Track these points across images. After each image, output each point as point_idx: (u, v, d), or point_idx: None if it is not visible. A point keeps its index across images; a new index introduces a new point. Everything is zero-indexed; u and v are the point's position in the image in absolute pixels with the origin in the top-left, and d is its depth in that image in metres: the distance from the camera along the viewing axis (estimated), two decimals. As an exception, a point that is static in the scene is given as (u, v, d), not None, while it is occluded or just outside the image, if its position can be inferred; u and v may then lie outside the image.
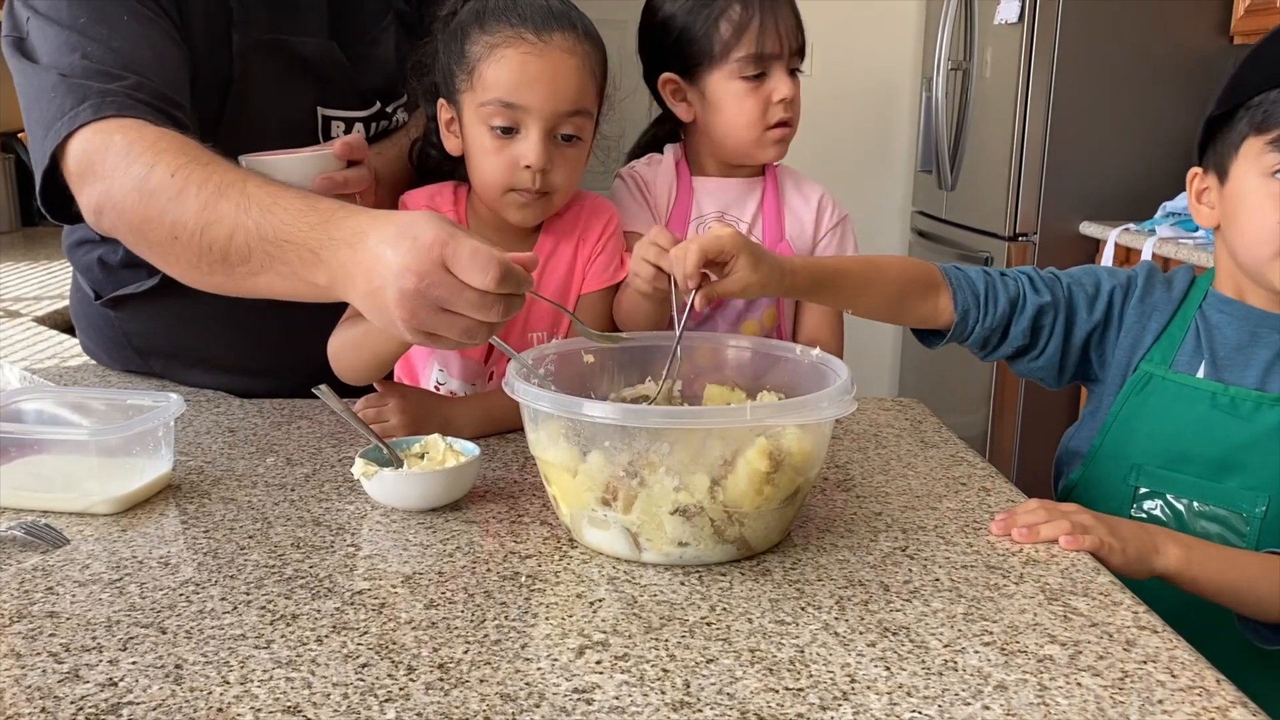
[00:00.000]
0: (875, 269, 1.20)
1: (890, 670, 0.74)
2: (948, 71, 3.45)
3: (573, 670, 0.74)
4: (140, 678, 0.72)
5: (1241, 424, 1.11)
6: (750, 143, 1.35)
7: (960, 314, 1.19)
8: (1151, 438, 1.16)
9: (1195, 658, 0.77)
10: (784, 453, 0.89)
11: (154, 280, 1.34)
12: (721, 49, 1.31)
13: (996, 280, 1.21)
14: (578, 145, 1.20)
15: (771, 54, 1.31)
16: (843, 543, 0.96)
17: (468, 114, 1.19)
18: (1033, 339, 1.21)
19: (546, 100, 1.15)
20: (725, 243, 1.02)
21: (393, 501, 1.02)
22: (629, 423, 0.88)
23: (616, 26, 5.84)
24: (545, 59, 1.15)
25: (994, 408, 3.24)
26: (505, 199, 1.20)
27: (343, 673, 0.73)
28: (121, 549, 0.92)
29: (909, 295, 1.19)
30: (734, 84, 1.32)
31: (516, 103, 1.15)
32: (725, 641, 0.78)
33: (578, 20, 1.19)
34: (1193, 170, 1.20)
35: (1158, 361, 1.17)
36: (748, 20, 1.30)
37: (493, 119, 1.16)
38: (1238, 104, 1.12)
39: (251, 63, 1.25)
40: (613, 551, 0.92)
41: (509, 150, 1.17)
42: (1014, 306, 1.20)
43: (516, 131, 1.17)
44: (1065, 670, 0.75)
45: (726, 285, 1.04)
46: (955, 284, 1.20)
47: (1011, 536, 0.97)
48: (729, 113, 1.33)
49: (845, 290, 1.18)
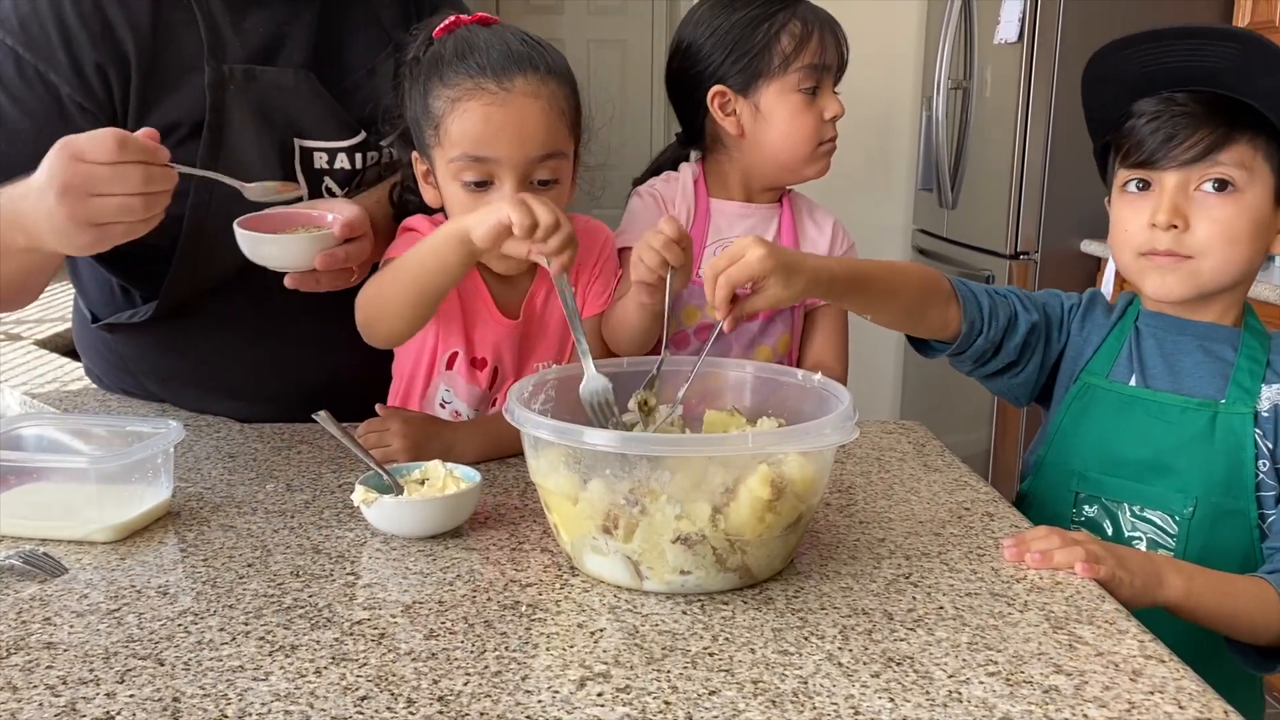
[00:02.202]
0: (900, 275, 1.20)
1: (894, 702, 0.74)
2: (948, 91, 3.45)
3: (574, 703, 0.73)
4: (137, 711, 0.71)
5: (1169, 428, 1.14)
6: (803, 158, 1.37)
7: (967, 326, 1.20)
8: (1090, 445, 1.19)
9: (1203, 688, 0.76)
10: (786, 480, 0.89)
11: (147, 311, 1.33)
12: (781, 62, 1.33)
13: (996, 297, 1.23)
14: (556, 188, 1.18)
15: (829, 65, 1.35)
16: (846, 570, 0.95)
17: (439, 169, 1.17)
18: (1019, 356, 1.24)
19: (515, 149, 1.13)
20: (754, 269, 0.99)
21: (393, 528, 1.01)
22: (629, 450, 0.88)
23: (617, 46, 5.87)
24: (509, 108, 1.12)
25: (996, 427, 3.23)
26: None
27: (342, 705, 0.72)
28: (120, 578, 0.92)
29: (927, 304, 1.19)
30: (791, 97, 1.34)
31: (485, 155, 1.12)
32: (728, 673, 0.77)
33: (539, 59, 1.16)
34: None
35: (1095, 372, 1.20)
36: (809, 34, 1.34)
37: (463, 174, 1.14)
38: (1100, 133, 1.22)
39: (224, 95, 1.24)
40: (614, 580, 0.92)
41: (484, 203, 1.13)
42: (1009, 323, 1.22)
43: (490, 184, 1.14)
44: (1071, 701, 0.74)
45: (756, 304, 1.03)
46: (964, 297, 1.21)
47: (1024, 562, 0.96)
48: (782, 127, 1.35)
49: (872, 295, 1.17)
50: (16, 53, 1.18)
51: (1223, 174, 1.09)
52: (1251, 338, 1.16)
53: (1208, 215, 1.11)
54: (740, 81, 1.35)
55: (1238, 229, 1.11)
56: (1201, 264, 1.12)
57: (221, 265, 1.25)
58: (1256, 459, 1.11)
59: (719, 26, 1.36)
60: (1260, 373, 1.14)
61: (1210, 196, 1.10)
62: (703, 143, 1.43)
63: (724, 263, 1.00)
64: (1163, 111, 1.12)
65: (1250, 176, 1.10)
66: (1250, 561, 1.09)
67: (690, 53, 1.38)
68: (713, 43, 1.36)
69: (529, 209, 1.01)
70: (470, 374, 1.28)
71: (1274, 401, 1.13)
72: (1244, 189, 1.10)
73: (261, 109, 1.26)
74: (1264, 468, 1.12)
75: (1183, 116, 1.11)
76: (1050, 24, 3.02)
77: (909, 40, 3.86)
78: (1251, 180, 1.10)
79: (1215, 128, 1.09)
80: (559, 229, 1.02)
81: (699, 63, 1.37)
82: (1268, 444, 1.12)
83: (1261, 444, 1.12)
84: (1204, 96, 1.11)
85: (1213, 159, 1.09)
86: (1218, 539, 1.11)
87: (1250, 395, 1.13)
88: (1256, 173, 1.10)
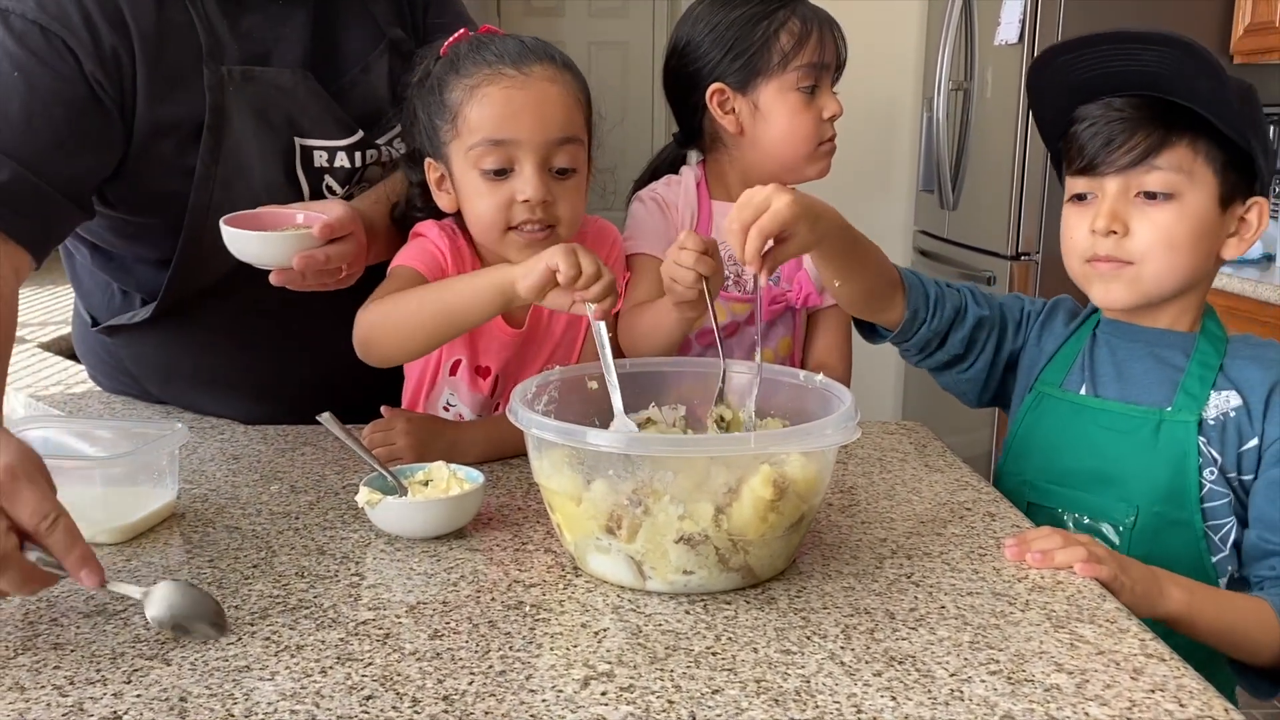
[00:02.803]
0: (872, 248, 1.19)
1: (897, 700, 0.74)
2: (949, 92, 3.45)
3: (578, 702, 0.73)
4: (145, 710, 0.72)
5: (1114, 437, 1.13)
6: (803, 156, 1.38)
7: (910, 313, 1.20)
8: (1041, 454, 1.19)
9: (1203, 686, 0.76)
10: (788, 480, 0.89)
11: (146, 313, 1.34)
12: (780, 59, 1.34)
13: (945, 288, 1.24)
14: (574, 177, 1.18)
15: (828, 63, 1.35)
16: (848, 569, 0.96)
17: (456, 162, 1.17)
18: (966, 350, 1.24)
19: (536, 130, 1.13)
20: (784, 216, 0.98)
21: (397, 529, 1.02)
22: (632, 451, 0.88)
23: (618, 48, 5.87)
24: (528, 90, 1.14)
25: (997, 428, 3.23)
26: (506, 240, 1.17)
27: (347, 705, 0.73)
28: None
29: (882, 286, 1.19)
30: (790, 95, 1.35)
31: (505, 137, 1.13)
32: (731, 672, 0.78)
33: (554, 53, 1.18)
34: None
35: (1049, 382, 1.20)
36: (808, 32, 1.34)
37: (483, 160, 1.14)
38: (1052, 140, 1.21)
39: (224, 96, 1.24)
40: (617, 580, 0.92)
41: (504, 189, 1.15)
42: (956, 314, 1.22)
43: (510, 171, 1.14)
44: (1072, 700, 0.74)
45: (787, 250, 1.02)
46: (909, 284, 1.21)
47: (1026, 561, 0.96)
48: (781, 125, 1.36)
49: (855, 257, 1.15)
50: (40, 24, 1.16)
51: (1161, 180, 1.08)
52: (1207, 343, 1.14)
53: (1148, 220, 1.10)
54: (739, 79, 1.35)
55: (1178, 234, 1.09)
56: (1143, 270, 1.11)
57: (221, 264, 1.25)
58: (1202, 468, 1.10)
59: (718, 24, 1.36)
60: (1211, 379, 1.12)
61: (1149, 201, 1.09)
62: (701, 142, 1.43)
63: (750, 215, 0.99)
64: (1100, 117, 1.11)
65: (1190, 180, 1.09)
66: (1199, 573, 1.07)
67: (688, 50, 1.39)
68: (711, 40, 1.36)
69: (575, 259, 1.00)
70: (473, 381, 1.29)
71: (1222, 409, 1.11)
72: (1183, 193, 1.09)
73: (261, 110, 1.26)
74: (1211, 476, 1.10)
75: (1119, 121, 1.10)
76: (1050, 25, 3.03)
77: (910, 41, 3.87)
78: (1191, 184, 1.09)
79: (1153, 131, 1.08)
80: (601, 278, 1.01)
81: (697, 60, 1.37)
82: (1214, 451, 1.10)
83: (1206, 451, 1.10)
84: (1142, 100, 1.10)
85: (1149, 163, 1.08)
86: (1161, 549, 1.09)
87: (1197, 402, 1.11)
88: (1197, 176, 1.09)
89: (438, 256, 1.22)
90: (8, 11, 1.15)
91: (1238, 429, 1.10)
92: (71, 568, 0.81)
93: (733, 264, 1.39)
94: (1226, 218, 1.12)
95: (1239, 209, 1.12)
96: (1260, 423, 1.09)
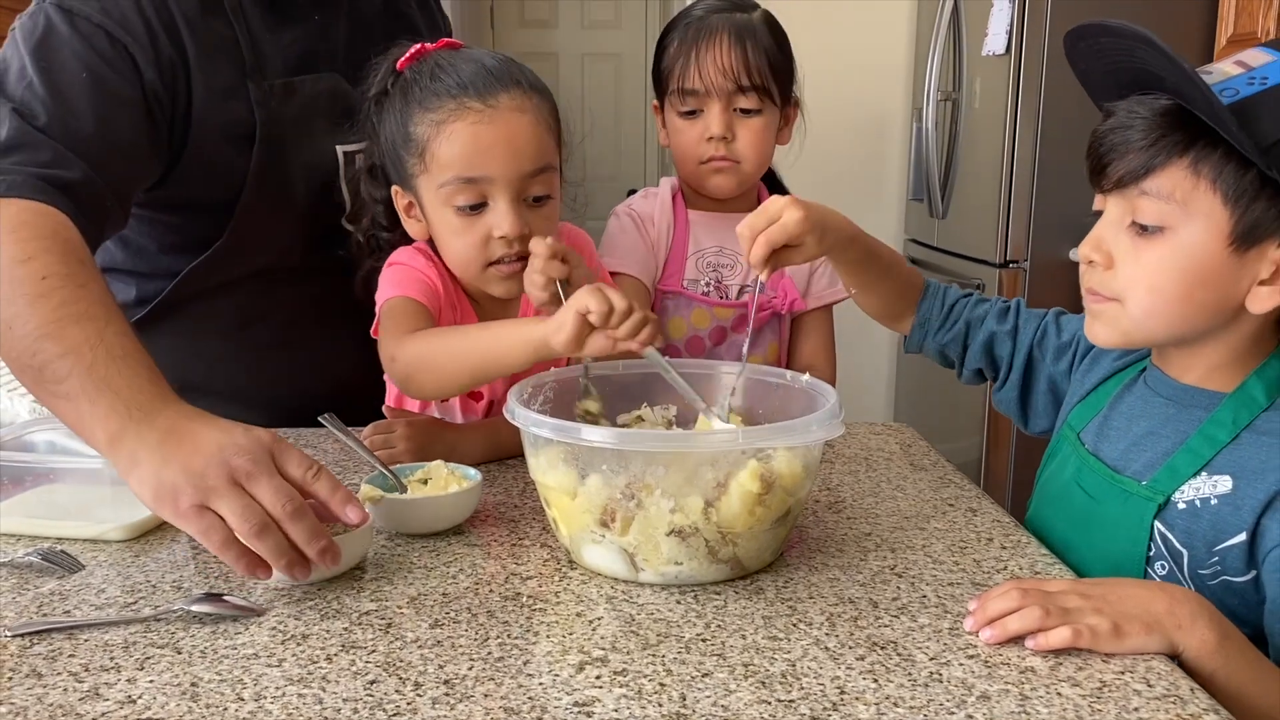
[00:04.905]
0: (898, 260, 1.22)
1: (878, 682, 0.77)
2: (937, 102, 3.50)
3: (573, 685, 0.77)
4: (158, 695, 0.75)
5: (1087, 504, 1.02)
6: (691, 175, 1.41)
7: (920, 319, 1.22)
8: (1048, 501, 1.10)
9: (1170, 668, 0.80)
10: (775, 475, 0.93)
11: (142, 312, 1.36)
12: (666, 82, 1.38)
13: (971, 302, 1.23)
14: (549, 204, 1.18)
15: (695, 90, 1.35)
16: (834, 562, 0.99)
17: (427, 198, 1.16)
18: (992, 368, 1.22)
19: (508, 165, 1.12)
20: (793, 230, 1.02)
21: (397, 526, 1.05)
22: (625, 446, 0.92)
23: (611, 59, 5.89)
24: (496, 124, 1.11)
25: (988, 434, 3.27)
26: (486, 275, 1.17)
27: (352, 689, 0.76)
28: (135, 573, 0.95)
29: (902, 297, 1.23)
30: (674, 118, 1.39)
31: (477, 175, 1.12)
32: (720, 657, 0.81)
33: (519, 74, 1.16)
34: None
35: (1073, 425, 1.10)
36: (677, 55, 1.37)
37: (455, 198, 1.13)
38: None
39: (270, 110, 1.27)
40: (611, 572, 0.95)
41: (479, 225, 1.14)
42: (969, 328, 1.22)
43: (484, 205, 1.13)
44: (1046, 681, 0.78)
45: (792, 258, 1.05)
46: (929, 292, 1.23)
47: (983, 639, 0.83)
48: (675, 143, 1.41)
49: (876, 270, 1.17)
50: (106, 29, 1.16)
51: (1149, 209, 0.91)
52: (1231, 410, 0.94)
53: (1132, 255, 0.93)
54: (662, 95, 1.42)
55: (1162, 275, 0.91)
56: (1128, 310, 0.94)
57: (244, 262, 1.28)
58: (1152, 560, 0.95)
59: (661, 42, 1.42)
60: (1208, 455, 0.93)
61: (1140, 235, 0.93)
62: None
63: (762, 222, 1.03)
64: (1114, 121, 0.94)
65: (1184, 211, 0.89)
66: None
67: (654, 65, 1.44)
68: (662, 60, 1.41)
69: (603, 297, 0.97)
70: (467, 405, 1.31)
71: (1202, 494, 0.93)
72: (1174, 227, 0.90)
73: (303, 120, 1.29)
74: (1161, 570, 0.94)
75: (1123, 129, 0.92)
76: (1037, 36, 3.07)
77: (899, 53, 3.92)
78: (1186, 216, 0.89)
79: (1153, 145, 0.90)
80: (633, 313, 0.98)
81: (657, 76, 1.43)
82: (1177, 542, 0.93)
83: (1164, 542, 0.94)
84: (1168, 108, 0.90)
85: (1139, 186, 0.91)
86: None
87: (1175, 481, 0.94)
88: (1194, 207, 0.89)
89: (429, 284, 1.21)
90: (74, 13, 1.16)
91: (1214, 521, 0.91)
92: (337, 506, 0.91)
93: (712, 271, 1.43)
94: (1248, 260, 0.89)
95: (1272, 251, 0.89)
96: (1255, 516, 0.89)
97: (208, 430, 0.90)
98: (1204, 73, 0.89)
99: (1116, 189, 0.94)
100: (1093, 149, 0.96)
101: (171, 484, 0.87)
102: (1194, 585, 0.92)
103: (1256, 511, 0.89)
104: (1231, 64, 0.91)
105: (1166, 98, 0.91)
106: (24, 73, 1.14)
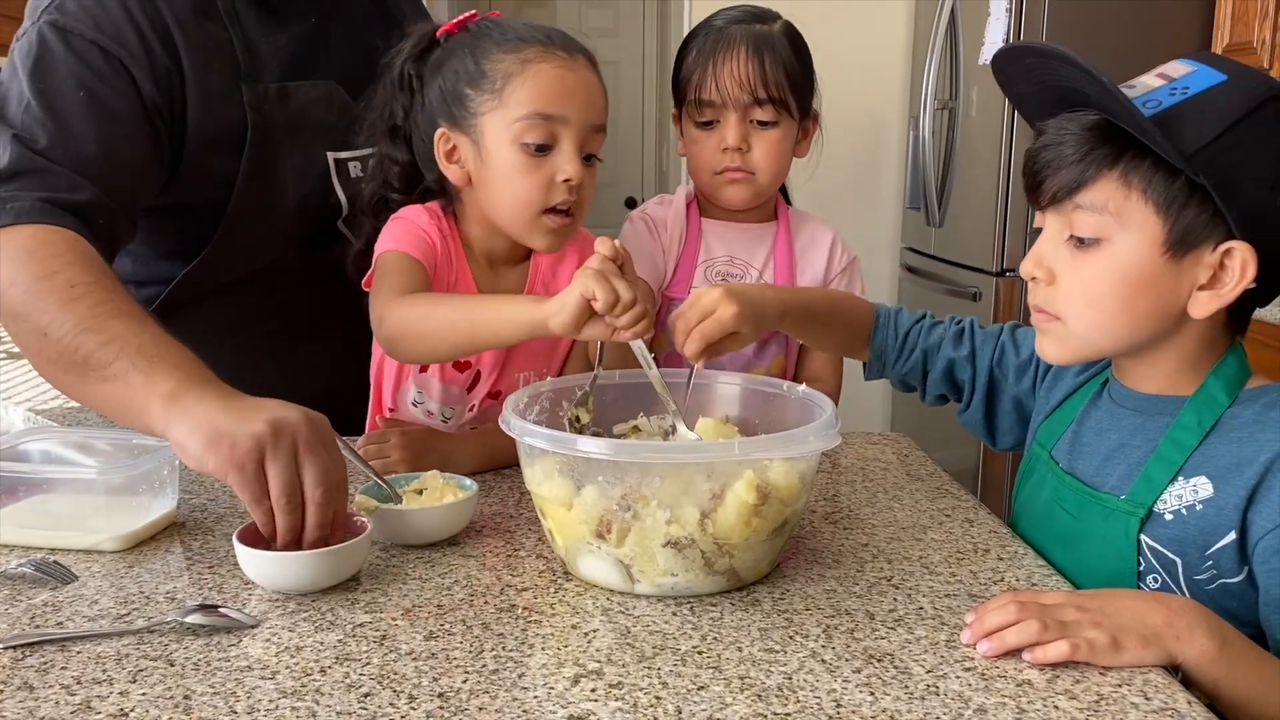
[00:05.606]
0: (836, 310, 1.24)
1: (875, 695, 0.77)
2: (934, 111, 3.51)
3: (568, 698, 0.76)
4: (150, 708, 0.74)
5: (1069, 522, 1.02)
6: (706, 186, 1.41)
7: (876, 353, 1.23)
8: (1027, 518, 1.11)
9: (1168, 681, 0.79)
10: (771, 485, 0.92)
11: None
12: (684, 92, 1.39)
13: (925, 327, 1.23)
14: (595, 167, 1.21)
15: (711, 100, 1.36)
16: (830, 573, 0.99)
17: (493, 134, 1.16)
18: (955, 391, 1.23)
19: (583, 111, 1.16)
20: (728, 324, 1.04)
21: (392, 537, 1.05)
22: (621, 457, 0.91)
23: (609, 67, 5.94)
24: (577, 74, 1.17)
25: (984, 443, 3.27)
26: (537, 223, 1.18)
27: (346, 702, 0.75)
28: (129, 585, 0.95)
29: (853, 340, 1.25)
30: (691, 128, 1.39)
31: (555, 113, 1.14)
32: (716, 669, 0.80)
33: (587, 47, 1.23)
34: None
35: (1043, 442, 1.10)
36: (695, 65, 1.37)
37: (528, 134, 1.14)
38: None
39: (263, 113, 1.27)
40: (606, 583, 0.95)
41: (544, 167, 1.15)
42: (926, 355, 1.22)
43: (550, 148, 1.16)
44: (1043, 694, 0.77)
45: (729, 348, 1.07)
46: (880, 323, 1.23)
47: (980, 651, 0.83)
48: (691, 153, 1.41)
49: (814, 327, 1.21)
50: (100, 45, 1.17)
51: (1085, 223, 0.92)
52: (1194, 413, 0.94)
53: (1072, 269, 0.94)
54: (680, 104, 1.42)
55: (1102, 286, 0.93)
56: (1071, 326, 0.96)
57: (236, 267, 1.28)
58: (1143, 574, 0.94)
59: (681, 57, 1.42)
60: (1179, 461, 0.93)
61: (1079, 248, 0.94)
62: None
63: (695, 317, 1.04)
64: (1046, 139, 0.96)
65: (1118, 223, 0.91)
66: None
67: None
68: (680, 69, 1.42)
69: (610, 284, 0.97)
70: (449, 373, 1.30)
71: (1186, 501, 0.92)
72: (1111, 238, 0.91)
73: (297, 125, 1.29)
74: (1154, 584, 0.94)
75: (1052, 147, 0.94)
76: (1033, 45, 3.09)
77: (896, 62, 3.92)
78: (1121, 227, 0.91)
79: (1082, 160, 0.92)
80: (636, 304, 0.98)
81: (676, 86, 1.43)
82: (1169, 553, 0.92)
83: (1154, 555, 0.93)
84: (1097, 123, 0.92)
85: (1074, 201, 0.93)
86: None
87: (1152, 491, 0.94)
88: (1128, 217, 0.90)
89: (428, 241, 1.21)
90: (68, 30, 1.16)
91: (1202, 525, 0.91)
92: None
93: (720, 280, 1.43)
94: (1185, 266, 0.91)
95: (1207, 255, 0.90)
96: (1240, 513, 0.89)
97: (270, 401, 0.95)
98: (1127, 87, 0.92)
99: (1053, 204, 0.95)
100: (1027, 167, 0.97)
101: (230, 432, 0.91)
102: (1191, 593, 0.92)
103: (1240, 508, 0.89)
104: (1154, 76, 0.93)
105: (1095, 113, 0.93)
106: (23, 96, 1.14)
